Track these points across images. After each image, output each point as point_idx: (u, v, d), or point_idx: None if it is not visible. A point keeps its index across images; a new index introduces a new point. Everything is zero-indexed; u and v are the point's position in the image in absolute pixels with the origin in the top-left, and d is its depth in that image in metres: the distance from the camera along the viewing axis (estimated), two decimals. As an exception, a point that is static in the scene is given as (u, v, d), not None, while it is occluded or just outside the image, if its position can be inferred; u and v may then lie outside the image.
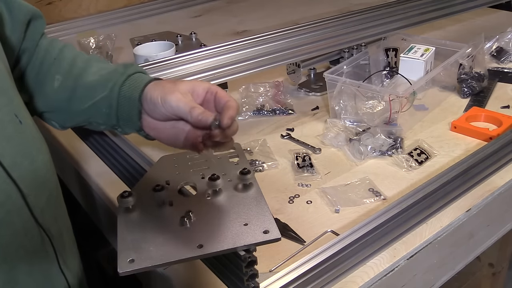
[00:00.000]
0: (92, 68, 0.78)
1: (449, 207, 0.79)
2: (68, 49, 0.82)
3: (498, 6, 1.56)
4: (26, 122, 0.61)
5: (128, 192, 0.65)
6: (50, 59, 0.79)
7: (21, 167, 0.57)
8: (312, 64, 1.25)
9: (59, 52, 0.80)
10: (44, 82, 0.78)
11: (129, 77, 0.75)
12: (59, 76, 0.77)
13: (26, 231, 0.58)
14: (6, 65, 0.64)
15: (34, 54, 0.79)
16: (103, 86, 0.75)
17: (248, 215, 0.62)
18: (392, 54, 1.16)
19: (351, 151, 0.95)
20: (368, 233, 0.67)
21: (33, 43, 0.78)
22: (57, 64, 0.79)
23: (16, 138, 0.57)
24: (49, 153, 0.65)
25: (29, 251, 0.59)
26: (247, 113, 1.11)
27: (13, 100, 0.60)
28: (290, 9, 1.75)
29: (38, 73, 0.78)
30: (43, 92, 0.78)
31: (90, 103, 0.76)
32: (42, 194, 0.61)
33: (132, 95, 0.73)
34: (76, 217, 0.87)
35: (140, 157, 0.93)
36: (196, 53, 1.01)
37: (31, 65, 0.79)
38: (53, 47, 0.80)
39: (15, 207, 0.56)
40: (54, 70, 0.78)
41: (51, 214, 0.63)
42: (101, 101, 0.76)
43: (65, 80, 0.77)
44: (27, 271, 0.59)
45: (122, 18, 1.72)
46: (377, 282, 0.68)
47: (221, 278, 0.66)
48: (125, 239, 0.59)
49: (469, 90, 1.12)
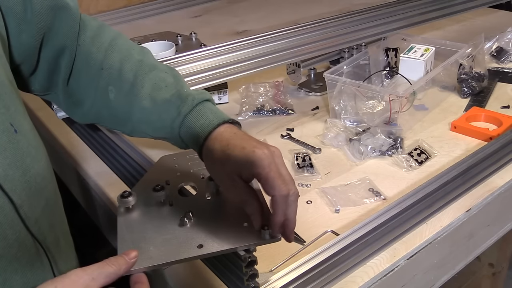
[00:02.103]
0: (144, 89, 0.68)
1: (449, 207, 0.78)
2: (116, 48, 0.71)
3: (498, 6, 1.56)
4: (22, 130, 0.59)
5: (128, 192, 0.65)
6: (96, 65, 0.70)
7: (13, 179, 0.56)
8: (312, 64, 1.25)
9: (106, 56, 0.71)
10: (94, 92, 0.71)
11: (186, 117, 0.66)
12: (112, 87, 0.70)
13: (20, 243, 0.57)
14: (6, 68, 0.62)
15: (77, 54, 0.71)
16: (159, 119, 0.68)
17: (248, 215, 0.62)
18: (392, 54, 1.16)
19: (351, 151, 0.95)
20: (368, 233, 0.67)
21: (70, 39, 0.70)
22: (106, 73, 0.70)
23: (9, 148, 0.56)
24: (46, 159, 0.64)
25: (23, 263, 0.58)
26: (247, 113, 1.11)
27: (9, 108, 0.58)
28: (290, 9, 1.75)
29: (88, 78, 0.71)
30: (95, 102, 0.71)
31: (150, 129, 0.70)
32: (37, 204, 0.60)
33: (196, 139, 0.65)
34: (76, 217, 0.87)
35: (140, 157, 0.93)
36: (196, 53, 1.01)
37: (78, 68, 0.71)
38: (98, 47, 0.71)
39: (7, 220, 0.55)
40: (105, 80, 0.70)
41: (47, 222, 0.63)
42: (161, 131, 0.69)
43: (118, 93, 0.70)
44: (21, 283, 0.58)
45: (122, 18, 1.72)
46: (377, 282, 0.68)
47: (221, 278, 0.66)
48: (125, 239, 0.59)
49: (469, 90, 1.12)
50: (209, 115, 0.66)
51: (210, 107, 0.67)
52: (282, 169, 0.58)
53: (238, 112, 1.12)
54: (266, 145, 0.60)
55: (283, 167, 0.59)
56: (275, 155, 0.59)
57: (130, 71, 0.70)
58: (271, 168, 0.57)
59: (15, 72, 0.68)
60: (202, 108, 0.67)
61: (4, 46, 0.63)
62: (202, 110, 0.66)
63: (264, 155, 0.58)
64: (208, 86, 1.02)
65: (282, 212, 0.57)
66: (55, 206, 0.66)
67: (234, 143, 0.61)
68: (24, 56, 0.68)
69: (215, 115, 0.66)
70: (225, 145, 0.61)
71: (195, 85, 0.98)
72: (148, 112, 0.68)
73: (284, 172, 0.58)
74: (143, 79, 0.69)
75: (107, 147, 0.99)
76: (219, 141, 0.63)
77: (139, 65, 0.70)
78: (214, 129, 0.64)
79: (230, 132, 0.64)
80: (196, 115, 0.66)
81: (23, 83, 0.72)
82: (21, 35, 0.65)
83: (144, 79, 0.69)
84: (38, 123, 1.12)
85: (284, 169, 0.59)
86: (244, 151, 0.59)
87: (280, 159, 0.59)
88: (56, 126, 1.08)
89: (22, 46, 0.67)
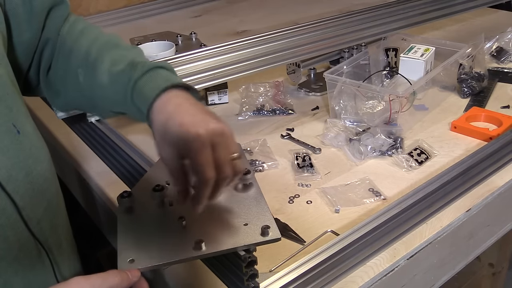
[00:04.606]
0: (103, 65, 0.67)
1: (449, 207, 0.78)
2: (86, 34, 0.71)
3: (498, 6, 1.56)
4: (25, 131, 0.59)
5: (128, 192, 0.65)
6: (67, 51, 0.70)
7: (16, 180, 0.56)
8: (312, 64, 1.25)
9: (76, 41, 0.70)
10: (67, 77, 0.70)
11: (136, 82, 0.64)
12: (80, 69, 0.68)
13: (21, 244, 0.57)
14: (8, 69, 0.62)
15: (58, 44, 0.71)
16: (115, 92, 0.66)
17: (248, 215, 0.62)
18: (392, 54, 1.16)
19: (351, 151, 0.95)
20: (368, 233, 0.67)
21: (54, 32, 0.71)
22: (74, 57, 0.69)
23: (12, 150, 0.56)
24: (49, 160, 0.64)
25: (24, 265, 0.58)
26: (247, 113, 1.11)
27: (12, 109, 0.58)
28: (290, 9, 1.75)
29: (63, 65, 0.70)
30: (69, 88, 0.71)
31: (110, 104, 0.68)
32: (39, 205, 0.60)
33: (144, 104, 0.62)
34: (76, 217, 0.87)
35: (140, 157, 0.93)
36: (196, 53, 1.01)
37: (55, 58, 0.71)
38: (71, 34, 0.71)
39: (9, 221, 0.55)
40: (74, 64, 0.69)
41: (49, 224, 0.63)
42: (118, 104, 0.67)
43: (85, 74, 0.68)
44: (22, 285, 0.58)
45: (122, 18, 1.72)
46: (377, 282, 0.68)
47: (221, 278, 0.66)
48: (125, 239, 0.59)
49: (469, 90, 1.12)
50: (158, 80, 0.62)
51: (162, 73, 0.64)
52: (218, 152, 0.55)
53: (238, 112, 1.12)
54: (206, 123, 0.55)
55: (222, 149, 0.55)
56: (216, 134, 0.55)
57: (95, 51, 0.68)
58: (201, 152, 0.54)
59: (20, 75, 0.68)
60: (153, 74, 0.63)
61: (6, 46, 0.64)
62: (153, 75, 0.63)
63: (196, 136, 0.54)
64: (208, 86, 1.02)
65: (203, 195, 0.56)
66: (57, 207, 0.66)
67: (174, 118, 0.57)
68: (25, 55, 0.68)
69: (165, 79, 0.62)
70: (165, 118, 0.58)
71: (195, 85, 0.98)
72: (105, 86, 0.66)
73: (218, 156, 0.55)
74: (104, 56, 0.67)
75: (107, 147, 0.99)
76: (161, 114, 0.59)
77: (103, 45, 0.69)
78: (161, 92, 0.60)
79: (175, 103, 0.59)
80: (146, 80, 0.63)
81: (25, 85, 0.72)
82: (23, 35, 0.66)
83: (104, 56, 0.67)
84: (38, 123, 1.12)
85: (222, 152, 0.55)
86: (180, 128, 0.55)
87: (221, 138, 0.55)
88: (56, 126, 1.08)
89: (24, 45, 0.67)
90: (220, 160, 0.55)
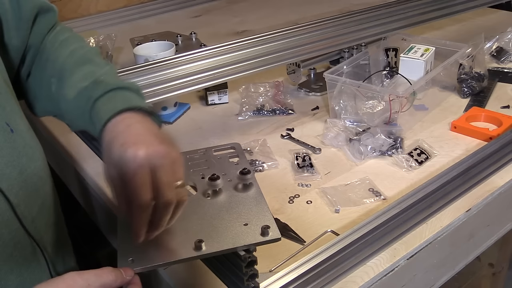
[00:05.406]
0: (71, 79, 0.65)
1: (449, 207, 0.78)
2: (65, 45, 0.71)
3: (498, 6, 1.56)
4: (18, 129, 0.59)
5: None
6: (44, 59, 0.70)
7: (10, 178, 0.56)
8: (312, 64, 1.25)
9: (55, 50, 0.70)
10: (42, 85, 0.70)
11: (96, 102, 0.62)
12: (54, 79, 0.67)
13: (16, 242, 0.57)
14: (1, 68, 0.62)
15: (39, 51, 0.70)
16: (77, 107, 0.64)
17: (248, 215, 0.62)
18: (392, 54, 1.16)
19: (351, 151, 0.95)
20: (368, 233, 0.67)
21: (39, 39, 0.70)
22: (50, 65, 0.69)
23: (5, 148, 0.56)
24: (44, 159, 0.64)
25: (19, 263, 0.59)
26: (247, 113, 1.11)
27: (5, 108, 0.59)
28: (290, 9, 1.75)
29: (40, 72, 0.70)
30: (44, 96, 0.70)
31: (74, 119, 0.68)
32: (33, 204, 0.60)
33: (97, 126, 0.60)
34: (76, 217, 0.87)
35: (140, 157, 0.93)
36: (196, 53, 1.01)
37: (36, 64, 0.71)
38: (53, 43, 0.71)
39: (3, 219, 0.55)
40: (49, 72, 0.69)
41: (44, 222, 0.63)
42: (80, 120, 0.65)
43: (57, 85, 0.67)
44: (17, 283, 0.58)
45: (122, 18, 1.72)
46: (377, 282, 0.68)
47: (221, 278, 0.66)
48: (125, 239, 0.59)
49: (469, 90, 1.12)
50: (117, 101, 0.60)
51: (124, 95, 0.62)
52: (158, 176, 0.52)
53: (238, 112, 1.12)
54: (148, 144, 0.53)
55: (163, 173, 0.53)
56: (157, 156, 0.53)
57: (69, 64, 0.67)
58: (135, 173, 0.52)
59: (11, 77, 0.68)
60: (114, 94, 0.61)
61: None
62: (113, 96, 0.61)
63: (133, 157, 0.52)
64: (208, 86, 1.02)
65: (141, 221, 0.54)
66: (52, 206, 0.66)
67: (119, 138, 0.55)
68: (14, 59, 0.69)
69: (124, 101, 0.60)
70: (111, 138, 0.56)
71: (195, 85, 0.98)
72: (69, 101, 0.64)
73: (158, 179, 0.52)
74: (74, 70, 0.66)
75: (107, 147, 0.98)
76: (110, 134, 0.57)
77: (78, 59, 0.68)
78: (117, 114, 0.58)
79: (126, 124, 0.57)
80: (104, 100, 0.61)
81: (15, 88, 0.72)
82: (11, 41, 0.67)
83: (75, 70, 0.66)
84: (38, 123, 1.12)
85: (162, 176, 0.53)
86: (121, 148, 0.53)
87: (164, 161, 0.53)
88: (56, 126, 1.08)
89: (13, 49, 0.68)
90: (159, 184, 0.52)
